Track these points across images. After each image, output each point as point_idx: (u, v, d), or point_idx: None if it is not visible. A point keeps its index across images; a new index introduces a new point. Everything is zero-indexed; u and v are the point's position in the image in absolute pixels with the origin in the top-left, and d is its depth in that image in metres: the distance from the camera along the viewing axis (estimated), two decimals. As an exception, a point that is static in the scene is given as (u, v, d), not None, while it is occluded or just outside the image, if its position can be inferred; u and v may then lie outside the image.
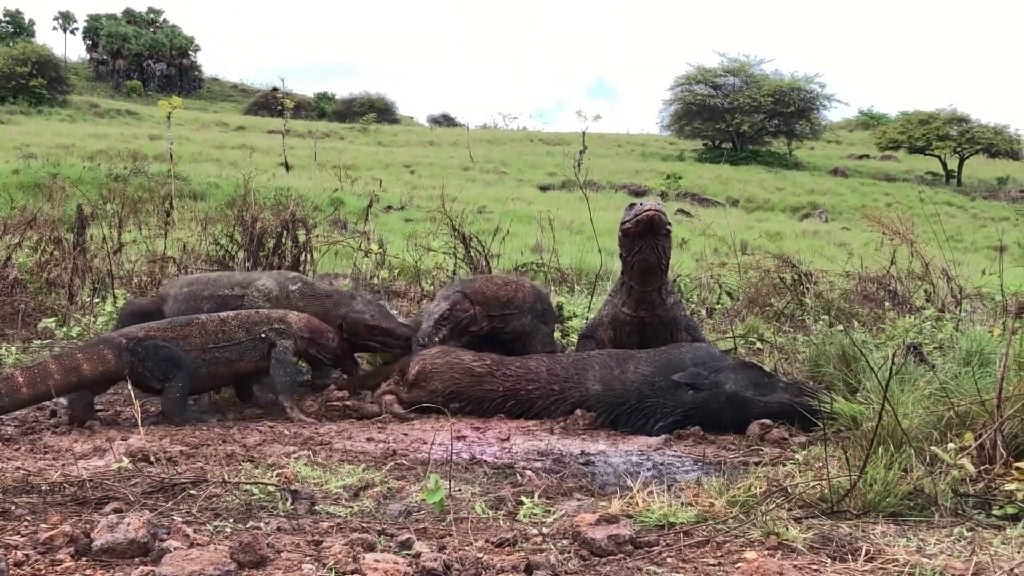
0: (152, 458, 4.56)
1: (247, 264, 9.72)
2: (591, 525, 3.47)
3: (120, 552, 3.13)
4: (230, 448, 5.02)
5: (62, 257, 9.84)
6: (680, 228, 23.19)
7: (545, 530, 3.57)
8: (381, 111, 67.81)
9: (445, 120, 77.42)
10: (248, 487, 4.05)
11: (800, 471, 4.34)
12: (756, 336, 8.91)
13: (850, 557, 3.22)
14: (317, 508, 3.87)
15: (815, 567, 3.14)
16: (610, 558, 3.26)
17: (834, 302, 9.86)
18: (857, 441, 4.37)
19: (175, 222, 12.68)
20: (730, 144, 53.83)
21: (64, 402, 5.93)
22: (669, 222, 6.48)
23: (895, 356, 5.06)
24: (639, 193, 34.47)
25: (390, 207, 22.62)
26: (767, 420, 5.72)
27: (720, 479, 4.07)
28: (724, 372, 5.92)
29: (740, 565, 3.12)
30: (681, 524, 3.59)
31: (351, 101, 70.48)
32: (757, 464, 4.70)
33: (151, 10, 78.84)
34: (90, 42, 76.93)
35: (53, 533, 3.23)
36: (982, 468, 4.03)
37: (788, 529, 3.45)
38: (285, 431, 5.59)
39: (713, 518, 3.63)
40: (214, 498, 3.92)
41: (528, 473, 4.64)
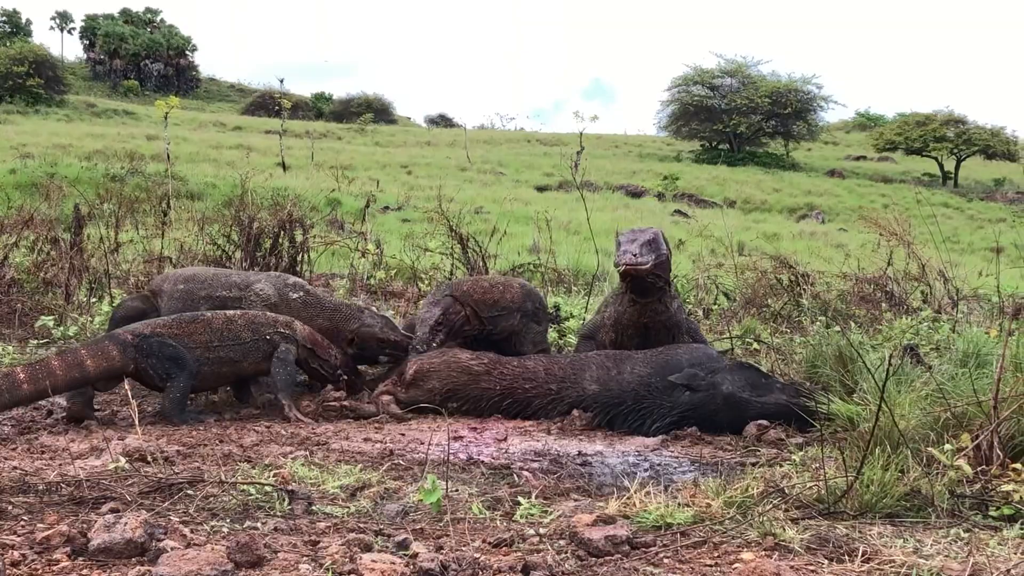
0: (149, 458, 4.56)
1: (244, 264, 9.71)
2: (588, 525, 3.47)
3: (117, 552, 3.13)
4: (227, 448, 5.02)
5: (59, 257, 9.83)
6: (677, 229, 23.21)
7: (542, 530, 3.57)
8: (378, 111, 67.73)
9: (442, 120, 77.33)
10: (245, 487, 4.05)
11: (797, 472, 4.34)
12: (753, 337, 8.91)
13: (847, 558, 3.23)
14: (314, 508, 3.87)
15: (812, 568, 3.15)
16: (607, 558, 3.27)
17: (831, 303, 9.87)
18: (854, 442, 4.37)
19: (172, 222, 12.69)
20: (727, 145, 53.80)
21: (62, 402, 5.92)
22: (652, 271, 6.41)
23: (892, 357, 5.06)
24: (636, 194, 34.48)
25: (387, 207, 22.61)
26: (764, 421, 5.73)
27: (717, 480, 4.08)
28: (721, 373, 5.92)
29: (737, 566, 3.12)
30: (678, 525, 3.59)
31: (348, 101, 70.36)
32: (754, 465, 4.71)
33: (148, 10, 78.77)
34: (87, 42, 76.83)
35: (50, 533, 3.23)
36: (979, 469, 4.04)
37: (785, 530, 3.45)
38: (282, 431, 5.59)
39: (710, 519, 3.64)
40: (211, 498, 3.92)
41: (525, 474, 4.64)
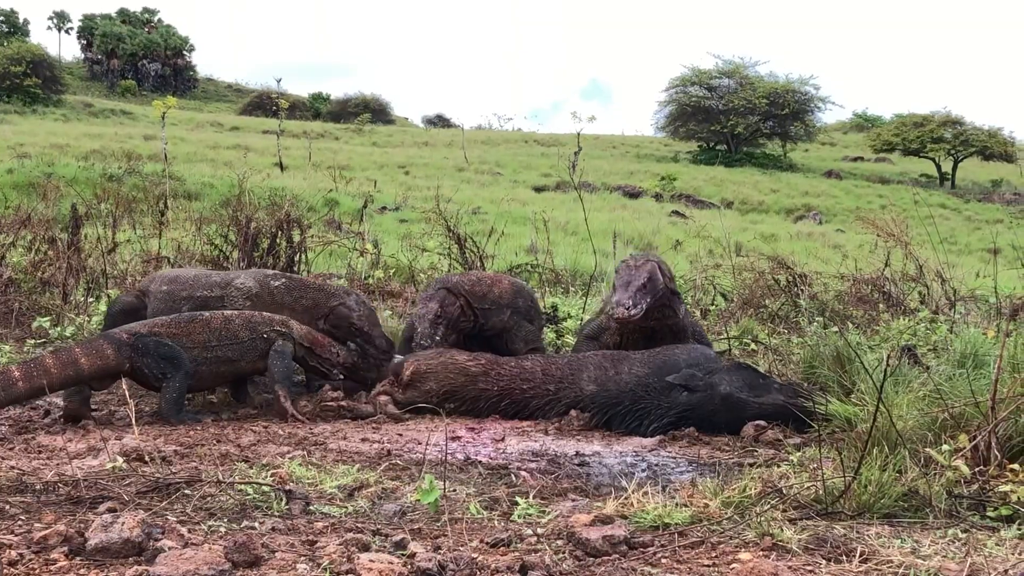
0: (146, 458, 4.56)
1: (242, 264, 9.70)
2: (586, 526, 3.47)
3: (114, 552, 3.12)
4: (225, 448, 5.02)
5: (56, 256, 9.81)
6: (675, 229, 23.23)
7: (540, 530, 3.57)
8: (376, 112, 67.75)
9: (440, 121, 77.30)
10: (243, 487, 4.05)
11: (795, 472, 4.34)
12: (751, 337, 8.92)
13: (845, 558, 3.23)
14: (312, 508, 3.87)
15: (810, 568, 3.15)
16: (605, 559, 3.27)
17: (828, 304, 9.87)
18: (852, 442, 4.38)
19: (169, 222, 12.68)
20: (725, 146, 53.81)
21: (60, 402, 5.91)
22: (647, 319, 6.47)
23: (889, 358, 5.06)
24: (634, 194, 34.46)
25: (385, 208, 22.58)
26: (762, 421, 5.73)
27: (715, 480, 4.08)
28: (719, 373, 5.93)
29: (735, 566, 3.12)
30: (676, 525, 3.59)
31: (346, 102, 70.34)
32: (752, 465, 4.70)
33: (146, 10, 78.72)
34: (85, 42, 76.80)
35: (47, 532, 3.22)
36: (976, 470, 4.03)
37: (783, 530, 3.45)
38: (280, 431, 5.59)
39: (708, 519, 3.64)
40: (208, 498, 3.91)
41: (523, 474, 4.64)
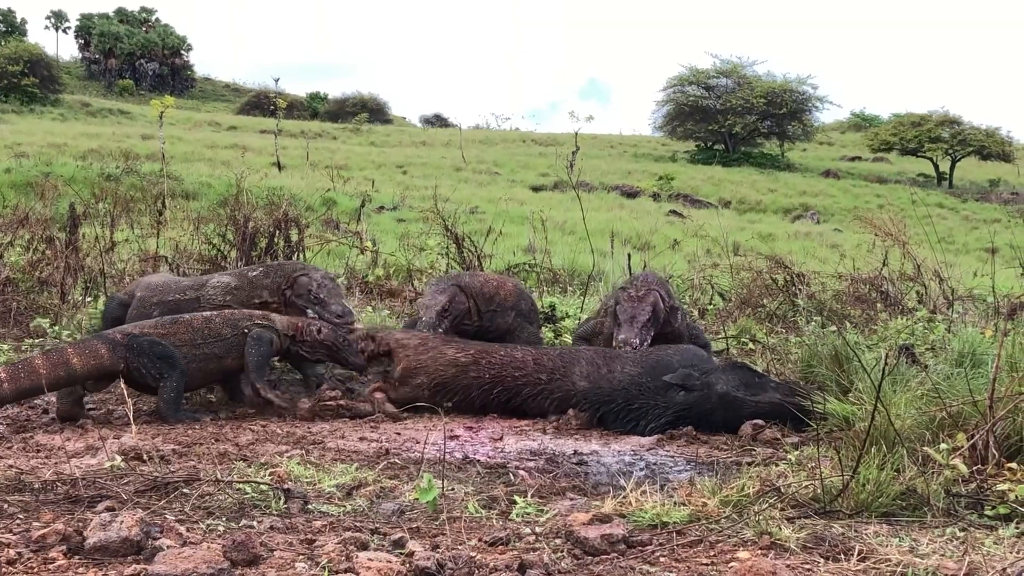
0: (145, 457, 4.56)
1: (240, 264, 9.69)
2: (584, 524, 3.48)
3: (113, 550, 3.12)
4: (223, 447, 5.02)
5: (54, 256, 9.80)
6: (673, 229, 23.23)
7: (538, 529, 3.57)
8: (373, 111, 67.67)
9: (438, 120, 77.20)
10: (241, 486, 4.05)
11: (793, 471, 4.35)
12: (748, 337, 8.93)
13: (843, 557, 3.23)
14: (310, 507, 3.87)
15: (808, 567, 3.15)
16: (603, 557, 3.27)
17: (826, 303, 9.88)
18: (850, 441, 4.38)
19: (167, 221, 12.65)
20: (722, 145, 53.80)
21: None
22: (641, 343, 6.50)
23: (887, 357, 5.06)
24: (632, 194, 34.46)
25: (382, 207, 22.58)
26: (760, 420, 5.74)
27: (713, 479, 4.08)
28: (715, 373, 5.94)
29: (733, 564, 3.12)
30: (674, 524, 3.59)
31: (344, 101, 70.27)
32: (750, 464, 4.71)
33: (143, 9, 78.61)
34: (82, 41, 76.71)
35: (46, 531, 3.22)
36: (974, 468, 4.04)
37: (781, 529, 3.45)
38: (278, 430, 5.59)
39: (706, 518, 3.64)
40: (207, 497, 3.91)
41: (521, 472, 4.64)
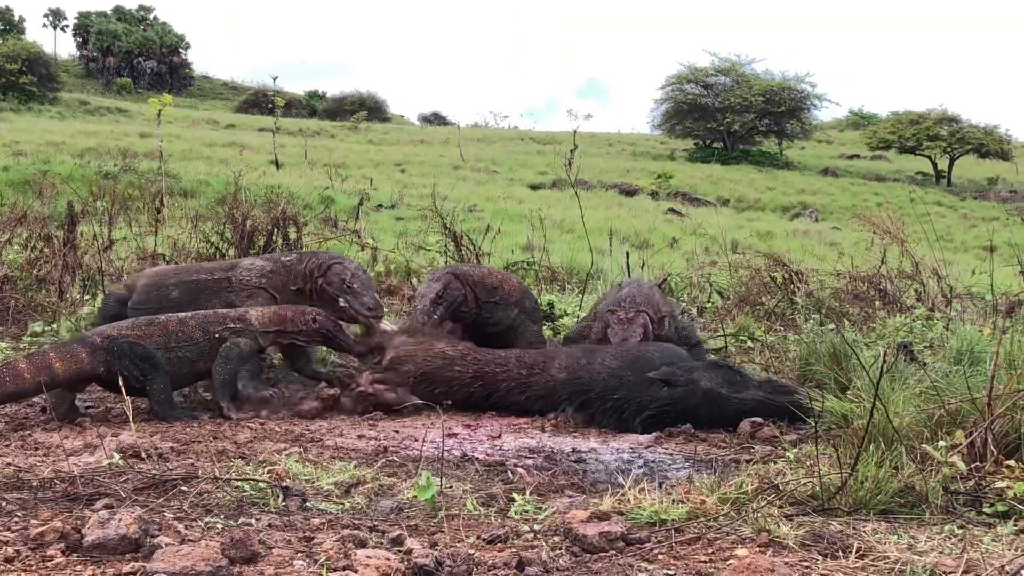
0: (143, 454, 4.55)
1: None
2: (582, 522, 3.48)
3: (111, 548, 3.12)
4: (221, 445, 5.02)
5: (52, 254, 9.80)
6: (671, 227, 23.24)
7: (536, 527, 3.57)
8: (372, 109, 67.60)
9: (436, 119, 77.05)
10: (239, 484, 4.05)
11: (791, 469, 4.35)
12: (747, 335, 8.93)
13: (841, 554, 3.23)
14: (308, 505, 3.87)
15: (806, 564, 3.15)
16: (601, 555, 3.27)
17: (824, 301, 9.88)
18: (848, 439, 4.38)
19: (165, 219, 12.66)
20: (721, 143, 53.79)
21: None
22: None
23: (886, 355, 5.07)
24: (630, 192, 34.47)
25: (381, 205, 22.55)
26: (758, 418, 5.75)
27: (711, 476, 4.08)
28: (698, 371, 5.99)
29: (731, 562, 3.12)
30: (672, 521, 3.59)
31: (342, 99, 70.18)
32: (748, 462, 4.71)
33: (141, 7, 78.49)
34: (80, 39, 76.59)
35: (44, 529, 3.22)
36: (973, 466, 4.04)
37: (779, 526, 3.45)
38: (276, 428, 5.59)
39: (704, 515, 3.64)
40: (205, 494, 3.91)
41: (519, 470, 4.64)
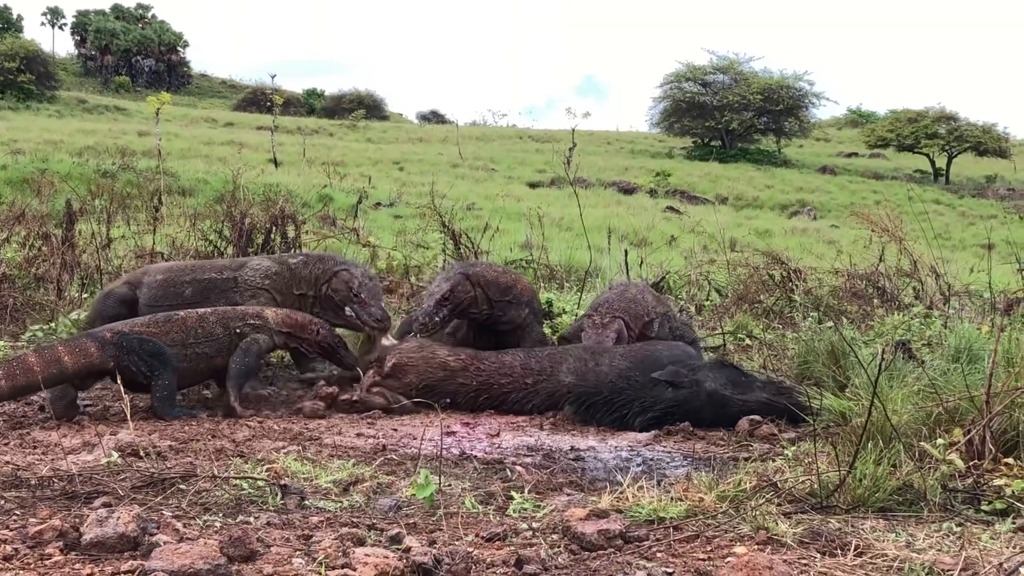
0: (142, 453, 4.55)
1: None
2: (581, 520, 3.48)
3: (109, 546, 3.12)
4: (220, 443, 5.01)
5: (50, 252, 9.80)
6: (669, 225, 23.24)
7: (535, 525, 3.58)
8: (370, 108, 67.54)
9: (434, 117, 76.95)
10: (238, 482, 4.05)
11: (790, 466, 4.35)
12: (745, 333, 8.94)
13: (839, 552, 3.24)
14: (307, 503, 3.87)
15: (804, 562, 3.15)
16: (600, 552, 3.27)
17: (823, 299, 9.89)
18: (846, 437, 4.38)
19: (164, 218, 12.65)
20: (719, 142, 53.77)
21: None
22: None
23: (884, 353, 5.07)
24: (629, 190, 34.46)
25: (379, 204, 22.55)
26: (757, 416, 5.75)
27: (710, 474, 4.08)
28: (703, 371, 5.98)
29: (730, 559, 3.12)
30: (671, 519, 3.60)
31: (340, 98, 70.11)
32: (747, 460, 4.71)
33: (140, 6, 78.42)
34: (78, 38, 76.49)
35: (42, 527, 3.22)
36: (971, 464, 4.04)
37: (777, 524, 3.46)
38: (275, 426, 5.59)
39: (703, 513, 3.64)
40: (204, 493, 3.91)
41: (518, 468, 4.64)
